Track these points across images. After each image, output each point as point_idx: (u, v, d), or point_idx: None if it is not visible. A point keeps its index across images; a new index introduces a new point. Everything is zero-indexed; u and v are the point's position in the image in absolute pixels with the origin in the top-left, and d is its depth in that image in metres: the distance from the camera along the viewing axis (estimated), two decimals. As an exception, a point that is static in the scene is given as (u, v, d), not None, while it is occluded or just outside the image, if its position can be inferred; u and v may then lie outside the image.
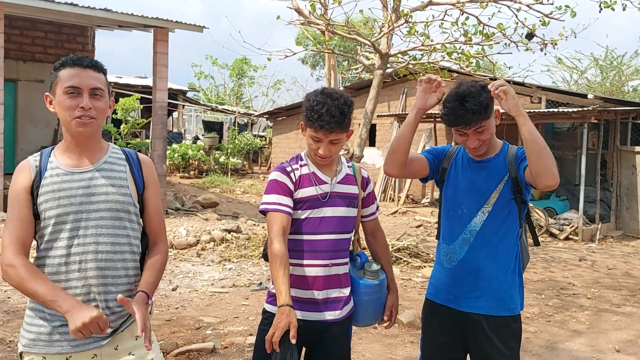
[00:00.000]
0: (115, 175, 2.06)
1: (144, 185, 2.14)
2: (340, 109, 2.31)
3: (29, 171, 2.01)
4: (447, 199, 2.54)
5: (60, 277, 1.96)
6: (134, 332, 2.05)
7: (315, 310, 2.39)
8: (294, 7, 7.50)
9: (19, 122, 13.16)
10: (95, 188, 2.01)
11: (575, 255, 9.17)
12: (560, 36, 7.47)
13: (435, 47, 7.75)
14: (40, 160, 2.02)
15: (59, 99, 1.97)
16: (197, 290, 6.12)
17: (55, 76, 2.00)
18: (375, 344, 4.70)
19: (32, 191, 1.98)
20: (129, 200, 2.06)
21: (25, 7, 9.96)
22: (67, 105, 1.96)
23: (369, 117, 7.87)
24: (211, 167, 18.47)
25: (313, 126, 2.32)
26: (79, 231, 1.97)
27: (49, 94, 2.03)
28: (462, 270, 2.45)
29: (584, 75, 21.76)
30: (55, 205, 1.96)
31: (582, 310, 6.05)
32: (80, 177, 2.00)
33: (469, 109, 2.27)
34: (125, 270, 2.05)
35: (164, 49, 11.13)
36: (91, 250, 1.97)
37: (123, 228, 2.05)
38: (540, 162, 2.21)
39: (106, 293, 1.99)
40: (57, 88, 1.98)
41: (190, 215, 10.39)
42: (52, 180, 1.98)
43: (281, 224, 2.32)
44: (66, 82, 1.96)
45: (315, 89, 2.44)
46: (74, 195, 1.98)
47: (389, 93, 15.24)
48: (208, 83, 31.29)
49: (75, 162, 2.03)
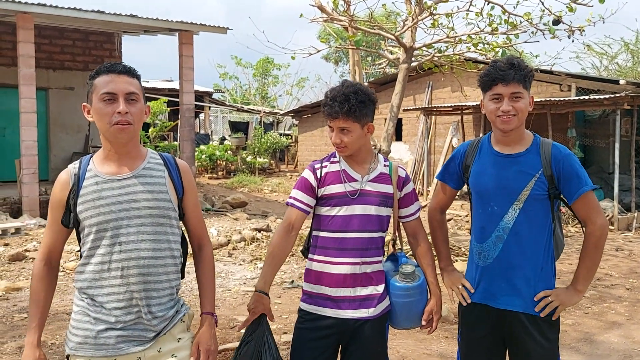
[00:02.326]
0: (154, 181, 2.07)
1: (183, 190, 2.17)
2: (347, 95, 2.31)
3: (67, 180, 2.05)
4: (476, 197, 2.49)
5: (103, 283, 2.00)
6: (176, 335, 2.11)
7: (348, 308, 2.39)
8: (317, 4, 7.49)
9: (50, 129, 13.48)
10: (135, 195, 2.02)
11: (612, 245, 8.97)
12: (588, 22, 7.29)
13: (461, 39, 7.66)
14: (79, 168, 2.05)
15: (96, 106, 2.00)
16: (229, 290, 6.18)
17: (90, 85, 2.03)
18: (409, 339, 4.68)
19: (69, 199, 2.02)
20: (169, 206, 2.09)
21: (54, 16, 10.20)
22: (104, 112, 1.98)
23: (395, 112, 7.81)
24: (239, 167, 18.64)
25: (324, 113, 2.39)
26: (120, 238, 1.99)
27: (86, 104, 2.06)
28: (497, 268, 2.41)
29: (614, 61, 21.22)
30: (95, 214, 1.99)
31: (620, 302, 5.92)
32: (119, 185, 2.02)
33: (513, 64, 2.29)
34: (167, 275, 2.08)
35: (189, 52, 11.26)
36: (133, 256, 2.00)
37: (164, 234, 2.07)
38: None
39: (148, 298, 2.03)
40: (94, 96, 2.01)
41: (220, 216, 10.49)
42: (91, 188, 2.01)
43: (289, 218, 2.41)
44: (102, 89, 1.98)
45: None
46: (113, 203, 2.00)
47: (414, 87, 15.14)
48: (233, 83, 31.56)
49: (114, 170, 2.04)
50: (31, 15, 9.64)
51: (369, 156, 2.49)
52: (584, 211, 2.34)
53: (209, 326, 2.17)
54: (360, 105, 2.33)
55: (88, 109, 2.05)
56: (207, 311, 2.19)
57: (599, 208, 2.35)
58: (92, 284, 2.01)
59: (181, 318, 2.14)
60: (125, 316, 2.00)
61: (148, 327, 2.03)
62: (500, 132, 2.39)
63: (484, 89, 2.38)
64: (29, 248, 7.56)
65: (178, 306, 2.15)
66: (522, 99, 2.31)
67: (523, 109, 2.31)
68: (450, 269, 2.62)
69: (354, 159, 2.46)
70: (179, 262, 2.16)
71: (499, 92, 2.30)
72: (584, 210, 2.34)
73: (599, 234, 2.32)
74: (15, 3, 9.37)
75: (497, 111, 2.32)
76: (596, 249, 2.34)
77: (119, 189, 2.01)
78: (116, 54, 14.40)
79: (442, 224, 2.70)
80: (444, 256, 2.66)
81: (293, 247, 2.50)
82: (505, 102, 2.29)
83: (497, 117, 2.33)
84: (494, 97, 2.33)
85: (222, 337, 4.68)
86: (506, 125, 2.32)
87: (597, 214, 2.33)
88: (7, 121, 12.74)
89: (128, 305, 2.00)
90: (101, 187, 2.01)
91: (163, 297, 2.06)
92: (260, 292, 2.34)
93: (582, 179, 2.32)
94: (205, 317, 2.18)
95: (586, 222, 2.34)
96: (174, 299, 2.12)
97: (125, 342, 2.00)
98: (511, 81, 2.28)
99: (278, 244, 2.39)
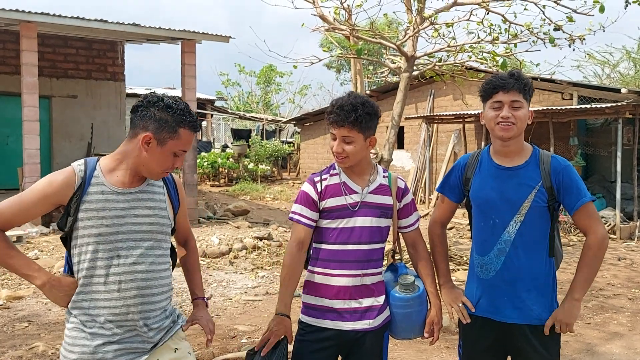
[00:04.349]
0: (156, 198, 2.11)
1: (179, 205, 2.23)
2: (354, 105, 2.32)
3: (72, 180, 1.99)
4: (476, 209, 2.49)
5: (98, 297, 2.00)
6: (172, 346, 2.12)
7: (349, 319, 2.39)
8: (318, 14, 7.52)
9: (53, 137, 13.51)
10: (137, 210, 2.04)
11: (614, 255, 8.94)
12: (588, 31, 7.31)
13: (463, 47, 7.68)
14: (85, 171, 2.02)
15: (165, 153, 2.00)
16: (231, 299, 6.17)
17: (173, 130, 1.99)
18: (410, 349, 4.67)
19: (71, 202, 1.98)
20: (167, 222, 2.14)
21: (58, 25, 10.24)
22: (167, 163, 2.02)
23: (396, 120, 7.82)
24: (241, 175, 18.64)
25: (328, 121, 2.39)
26: (120, 252, 2.01)
27: (152, 136, 1.98)
28: (500, 281, 2.41)
29: (616, 69, 21.25)
30: (97, 224, 1.98)
31: (622, 312, 5.89)
32: (124, 198, 2.03)
33: (514, 75, 2.34)
34: (161, 287, 2.11)
35: (192, 61, 11.29)
36: (131, 270, 2.02)
37: (159, 248, 2.11)
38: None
39: (144, 312, 2.04)
40: (170, 142, 1.99)
41: (221, 224, 10.49)
42: (96, 197, 1.99)
43: (298, 236, 2.40)
44: (183, 145, 2.03)
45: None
46: (117, 216, 2.00)
47: (416, 95, 15.16)
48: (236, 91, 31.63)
49: (121, 181, 2.05)
50: (35, 24, 9.69)
51: (369, 168, 2.49)
52: (584, 222, 2.37)
53: (205, 308, 2.35)
54: (367, 117, 2.34)
55: (150, 143, 1.99)
56: (200, 296, 2.37)
57: (599, 218, 2.40)
58: (87, 296, 2.00)
59: (177, 330, 2.15)
60: (121, 329, 2.00)
61: (145, 339, 2.04)
62: (499, 142, 2.39)
63: (484, 98, 2.40)
64: (31, 257, 7.57)
65: (174, 316, 2.17)
66: (522, 108, 2.33)
67: (522, 118, 2.33)
68: (449, 286, 2.61)
69: (353, 170, 2.46)
70: (170, 273, 2.19)
71: (499, 99, 2.33)
72: (584, 221, 2.37)
73: (599, 244, 2.34)
74: (19, 12, 9.42)
75: (496, 118, 2.33)
76: (595, 259, 2.36)
77: (123, 202, 2.02)
78: (119, 62, 14.46)
79: (442, 238, 2.68)
80: (443, 272, 2.64)
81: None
82: (505, 109, 2.32)
83: (496, 125, 2.34)
84: (494, 105, 2.35)
85: (222, 347, 4.67)
86: (505, 132, 2.33)
87: (598, 224, 2.36)
88: (10, 129, 12.78)
89: (124, 319, 2.01)
90: (106, 198, 2.00)
91: (158, 309, 2.08)
92: (282, 314, 2.35)
93: (581, 191, 2.35)
94: (198, 302, 2.35)
95: (587, 233, 2.37)
96: (169, 309, 2.14)
97: (124, 355, 2.00)
98: (511, 89, 2.31)
99: (292, 264, 2.39)
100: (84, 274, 2.01)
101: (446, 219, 2.70)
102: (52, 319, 5.34)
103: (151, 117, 1.97)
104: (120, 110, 14.58)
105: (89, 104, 13.96)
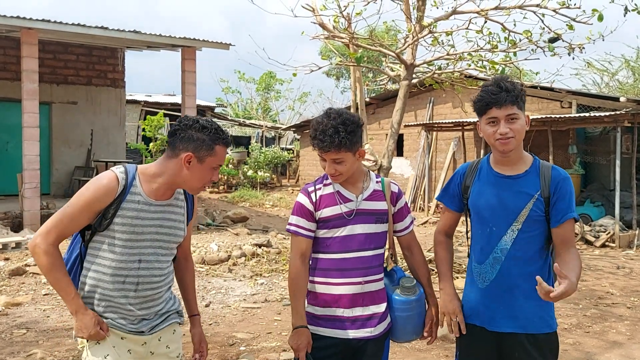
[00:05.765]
0: (177, 211, 2.30)
1: (191, 217, 2.41)
2: (335, 128, 2.30)
3: (115, 188, 2.12)
4: (475, 217, 2.49)
5: (112, 294, 2.17)
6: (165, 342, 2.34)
7: (351, 328, 2.40)
8: (318, 22, 7.55)
9: (53, 143, 13.52)
10: (163, 221, 2.23)
11: (612, 263, 8.94)
12: (587, 40, 7.34)
13: (462, 56, 7.71)
14: (126, 179, 2.16)
15: (206, 170, 2.18)
16: (229, 306, 6.16)
17: (210, 147, 2.16)
18: (409, 357, 4.66)
19: (110, 207, 2.12)
20: (181, 234, 2.33)
21: (58, 32, 10.28)
22: (206, 178, 2.20)
23: (395, 128, 7.84)
24: (240, 182, 18.64)
25: (313, 147, 2.40)
26: (142, 257, 2.20)
27: (192, 155, 2.14)
28: (496, 290, 2.40)
29: (615, 78, 21.31)
30: (130, 231, 2.15)
31: (622, 321, 5.88)
32: (155, 209, 2.21)
33: (503, 88, 2.30)
34: (164, 291, 2.32)
35: (192, 68, 11.33)
36: (148, 274, 2.22)
37: (170, 255, 2.32)
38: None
39: (148, 308, 2.26)
40: (209, 159, 2.17)
41: (221, 231, 10.49)
42: (132, 205, 2.15)
43: (299, 248, 2.43)
44: (218, 161, 2.20)
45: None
46: (147, 225, 2.19)
47: (415, 102, 15.20)
48: (235, 98, 31.66)
49: (155, 193, 2.20)
50: (35, 30, 9.72)
51: (361, 175, 2.51)
52: (568, 235, 2.35)
53: (200, 325, 2.53)
54: (350, 136, 2.33)
55: (191, 161, 2.15)
56: (196, 313, 2.54)
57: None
58: (102, 292, 2.17)
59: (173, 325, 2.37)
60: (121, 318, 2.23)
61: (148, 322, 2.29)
62: (500, 154, 2.40)
63: (479, 114, 2.39)
64: (29, 263, 7.54)
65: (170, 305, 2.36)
66: (518, 119, 2.32)
67: (520, 129, 2.33)
68: (450, 293, 2.54)
69: (346, 179, 2.46)
70: (173, 276, 2.40)
71: (494, 115, 2.32)
72: (568, 234, 2.35)
73: (579, 258, 2.32)
74: (20, 19, 9.45)
75: (495, 134, 2.33)
76: (579, 261, 2.29)
77: (153, 213, 2.20)
78: (119, 69, 14.50)
79: (446, 245, 2.65)
80: (445, 277, 2.59)
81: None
82: (502, 125, 2.31)
83: (496, 141, 2.34)
84: (490, 121, 2.34)
85: (220, 355, 4.66)
86: (505, 147, 2.33)
87: (574, 241, 2.39)
88: (10, 135, 12.78)
89: (128, 314, 2.22)
90: (141, 208, 2.16)
91: (158, 304, 2.31)
92: (300, 327, 2.37)
93: (572, 205, 2.36)
94: (195, 319, 2.52)
95: (569, 245, 2.33)
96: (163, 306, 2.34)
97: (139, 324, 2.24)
98: (504, 104, 2.29)
99: (298, 277, 2.42)
100: (104, 270, 2.16)
101: (449, 228, 2.68)
102: (51, 326, 5.32)
103: (190, 138, 2.15)
104: (120, 117, 14.61)
105: (89, 110, 13.98)
